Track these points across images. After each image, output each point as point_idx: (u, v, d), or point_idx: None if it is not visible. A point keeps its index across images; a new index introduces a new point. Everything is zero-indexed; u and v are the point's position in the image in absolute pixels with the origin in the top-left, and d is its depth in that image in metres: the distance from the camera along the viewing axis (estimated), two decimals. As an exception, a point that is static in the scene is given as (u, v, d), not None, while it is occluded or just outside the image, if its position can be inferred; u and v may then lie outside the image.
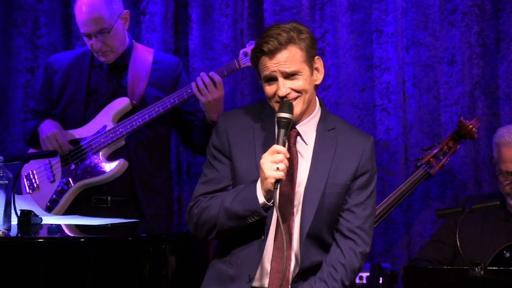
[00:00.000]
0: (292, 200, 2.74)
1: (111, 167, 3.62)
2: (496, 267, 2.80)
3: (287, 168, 2.62)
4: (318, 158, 2.77)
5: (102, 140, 3.64)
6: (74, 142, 3.68)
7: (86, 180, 3.64)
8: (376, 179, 2.85)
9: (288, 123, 2.67)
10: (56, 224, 3.17)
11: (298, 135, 2.78)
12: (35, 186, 3.74)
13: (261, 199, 2.65)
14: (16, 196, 3.03)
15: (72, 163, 3.67)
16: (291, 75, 2.69)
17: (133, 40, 3.80)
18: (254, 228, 2.70)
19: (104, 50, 3.64)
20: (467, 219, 3.18)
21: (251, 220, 2.68)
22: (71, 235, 3.12)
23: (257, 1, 4.16)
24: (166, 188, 3.80)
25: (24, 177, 3.76)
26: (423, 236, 3.95)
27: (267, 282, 2.72)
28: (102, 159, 3.64)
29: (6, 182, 2.84)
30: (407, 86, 4.00)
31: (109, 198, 3.67)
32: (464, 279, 2.75)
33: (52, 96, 3.78)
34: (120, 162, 3.63)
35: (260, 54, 2.70)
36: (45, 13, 4.32)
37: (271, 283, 2.71)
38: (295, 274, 2.74)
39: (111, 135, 3.63)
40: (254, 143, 2.77)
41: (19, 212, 3.05)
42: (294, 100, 2.70)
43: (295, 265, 2.75)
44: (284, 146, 2.64)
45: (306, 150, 2.79)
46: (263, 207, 2.65)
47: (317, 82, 2.77)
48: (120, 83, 3.72)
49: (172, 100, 3.61)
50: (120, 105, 3.67)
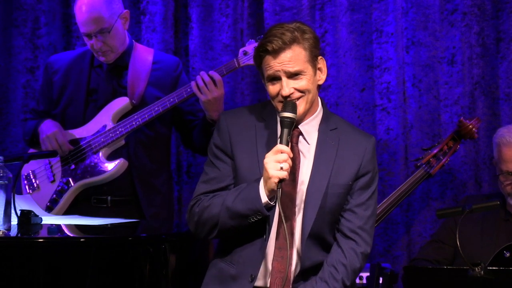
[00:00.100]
0: (294, 200, 2.73)
1: (111, 166, 3.62)
2: (496, 267, 2.80)
3: (290, 167, 2.62)
4: (320, 158, 2.76)
5: (102, 139, 3.64)
6: (74, 142, 3.68)
7: (86, 180, 3.64)
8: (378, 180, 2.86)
9: (292, 123, 2.66)
10: (56, 224, 3.17)
11: (301, 134, 2.78)
12: (35, 186, 3.74)
13: (263, 198, 2.64)
14: (16, 196, 3.03)
15: (72, 163, 3.67)
16: (294, 74, 2.68)
17: (133, 40, 3.80)
18: (255, 227, 2.70)
19: (104, 50, 3.64)
20: (467, 219, 3.18)
21: (253, 219, 2.67)
22: (71, 235, 3.12)
23: (257, 1, 4.16)
24: (166, 188, 3.79)
25: (24, 177, 3.76)
26: (423, 236, 3.95)
27: (268, 281, 2.71)
28: (102, 159, 3.63)
29: (6, 182, 2.83)
30: (407, 86, 4.00)
31: (109, 198, 3.67)
32: (464, 279, 2.75)
33: (52, 96, 3.78)
34: (120, 161, 3.62)
35: (264, 53, 2.69)
36: (45, 13, 4.31)
37: (272, 283, 2.70)
38: (296, 274, 2.74)
39: (111, 135, 3.63)
40: (256, 142, 2.77)
41: (19, 212, 3.05)
42: (298, 100, 2.70)
43: (296, 264, 2.74)
44: (288, 145, 2.64)
45: (308, 149, 2.79)
46: (265, 207, 2.65)
47: (320, 82, 2.77)
48: (120, 83, 3.72)
49: (171, 99, 3.60)
50: (120, 104, 3.67)
